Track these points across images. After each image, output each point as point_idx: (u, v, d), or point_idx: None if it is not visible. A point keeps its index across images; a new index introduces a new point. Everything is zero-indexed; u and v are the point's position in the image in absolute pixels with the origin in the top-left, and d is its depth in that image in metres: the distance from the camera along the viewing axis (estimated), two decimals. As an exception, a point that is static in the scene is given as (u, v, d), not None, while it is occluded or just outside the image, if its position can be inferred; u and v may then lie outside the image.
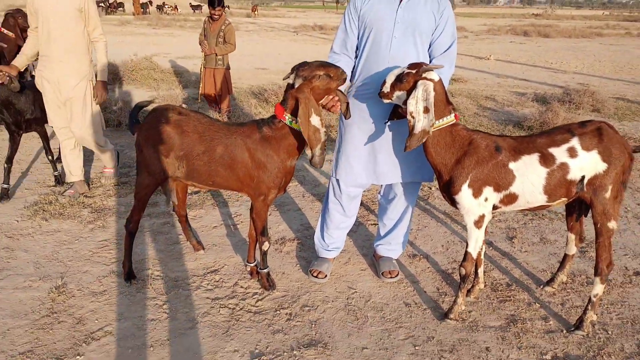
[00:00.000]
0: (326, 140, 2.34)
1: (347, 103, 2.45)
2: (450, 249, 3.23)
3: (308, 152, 2.31)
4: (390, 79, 2.25)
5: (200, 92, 6.36)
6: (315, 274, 2.81)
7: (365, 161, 2.63)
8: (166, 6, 38.08)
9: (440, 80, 2.21)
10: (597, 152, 2.18)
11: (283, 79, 2.38)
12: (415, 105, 2.14)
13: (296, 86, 2.26)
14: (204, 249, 3.13)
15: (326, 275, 2.82)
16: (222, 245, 3.22)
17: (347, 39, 2.55)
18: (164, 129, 2.48)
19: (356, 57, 2.60)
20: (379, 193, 2.92)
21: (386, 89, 2.27)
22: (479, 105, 7.53)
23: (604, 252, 2.30)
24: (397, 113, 2.41)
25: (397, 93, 2.25)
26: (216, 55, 6.01)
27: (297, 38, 20.53)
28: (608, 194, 2.23)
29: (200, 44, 6.08)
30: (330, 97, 2.35)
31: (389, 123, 2.51)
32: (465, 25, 31.54)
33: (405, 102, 2.23)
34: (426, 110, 2.14)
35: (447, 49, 2.48)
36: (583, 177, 2.21)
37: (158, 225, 3.46)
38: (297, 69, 2.29)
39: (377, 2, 2.44)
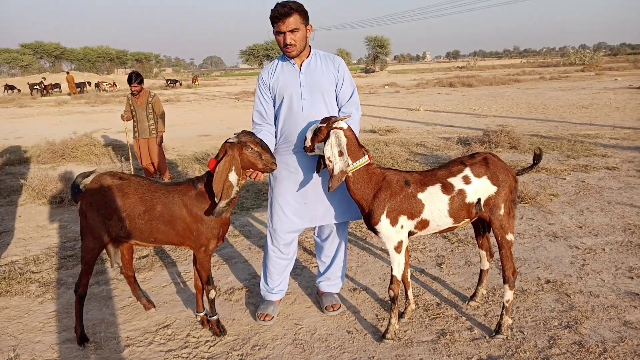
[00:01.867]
0: (235, 200, 2.60)
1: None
2: (387, 280, 3.52)
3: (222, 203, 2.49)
4: (309, 135, 2.64)
5: (140, 164, 6.50)
6: (262, 318, 3.00)
7: (297, 209, 2.91)
8: (104, 83, 38.31)
9: (350, 127, 2.60)
10: (487, 177, 2.60)
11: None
12: (330, 151, 2.51)
13: (229, 142, 2.57)
14: (154, 307, 3.24)
15: (273, 317, 3.01)
16: (172, 302, 3.35)
17: (264, 110, 2.90)
18: (107, 193, 2.69)
19: (275, 121, 2.94)
20: (314, 234, 3.21)
21: (308, 143, 2.66)
22: (411, 152, 8.15)
23: (508, 262, 2.67)
24: (323, 163, 2.75)
25: (317, 145, 2.62)
26: (149, 125, 6.24)
27: (238, 104, 21.23)
28: (502, 211, 2.63)
29: (121, 117, 6.31)
30: (255, 173, 2.64)
31: (319, 173, 2.85)
32: (397, 81, 33.79)
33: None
34: (340, 153, 2.51)
35: (350, 97, 2.90)
36: (479, 199, 2.61)
37: (107, 290, 3.54)
38: (241, 132, 2.61)
39: (281, 73, 2.84)
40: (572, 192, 5.42)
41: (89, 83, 38.13)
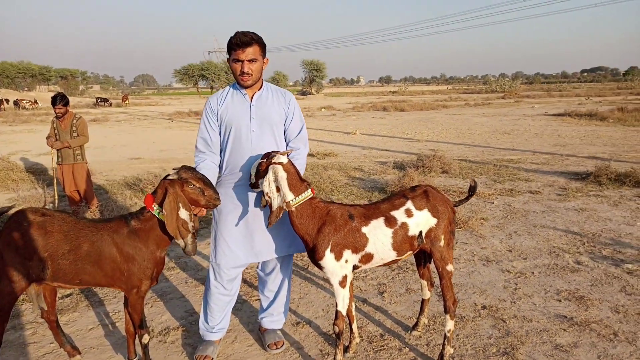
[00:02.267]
0: (197, 229, 2.51)
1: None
2: (330, 312, 3.47)
3: (180, 242, 2.44)
4: (253, 171, 2.59)
5: (64, 191, 6.04)
6: None
7: (243, 243, 2.81)
8: (24, 101, 35.80)
9: (290, 161, 2.56)
10: (427, 210, 2.65)
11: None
12: (268, 187, 2.46)
13: (169, 179, 2.43)
14: (80, 353, 2.96)
15: (212, 359, 2.85)
16: (100, 346, 3.08)
17: (209, 138, 2.79)
18: (26, 231, 2.44)
19: (221, 151, 2.85)
20: (257, 268, 3.11)
21: (252, 180, 2.60)
22: (349, 176, 8.26)
23: (448, 292, 2.72)
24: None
25: (261, 180, 2.55)
26: (74, 149, 5.84)
27: (172, 125, 20.61)
28: (442, 243, 2.69)
29: (47, 140, 5.77)
30: (198, 209, 2.54)
31: (264, 207, 2.77)
32: (333, 104, 34.49)
33: None
34: (278, 189, 2.47)
35: (299, 133, 2.88)
36: (421, 232, 2.65)
37: (26, 336, 3.20)
38: (181, 168, 2.48)
39: (231, 102, 2.78)
40: (500, 216, 5.71)
41: (7, 100, 35.43)
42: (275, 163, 2.49)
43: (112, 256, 2.48)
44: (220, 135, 2.82)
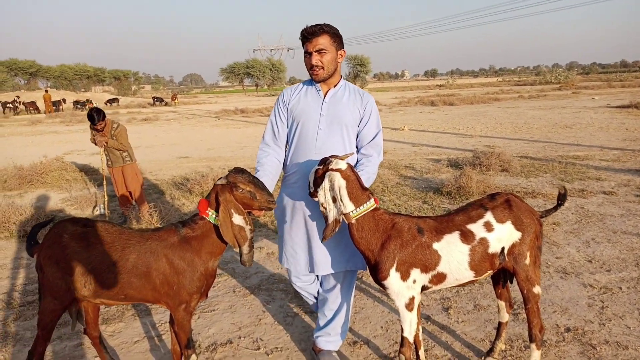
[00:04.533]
0: (252, 237, 2.28)
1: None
2: (390, 329, 3.15)
3: (238, 250, 2.25)
4: (311, 178, 2.32)
5: (116, 192, 6.00)
6: None
7: (303, 249, 2.64)
8: (83, 101, 37.29)
9: (350, 166, 2.26)
10: (511, 222, 2.27)
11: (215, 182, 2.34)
12: (324, 197, 2.18)
13: (219, 184, 2.23)
14: (124, 370, 2.79)
15: None
16: (145, 362, 2.91)
17: (277, 130, 2.65)
18: (67, 244, 2.27)
19: (286, 146, 2.68)
20: (319, 284, 2.86)
21: (311, 188, 2.34)
22: (400, 175, 7.86)
23: (535, 318, 2.33)
24: None
25: (318, 189, 2.27)
26: (121, 152, 5.76)
27: (219, 123, 20.79)
28: (528, 260, 2.30)
29: (94, 142, 5.65)
30: (252, 212, 2.33)
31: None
32: (378, 99, 33.87)
33: None
34: (334, 199, 2.17)
35: (373, 139, 2.61)
36: (503, 248, 2.27)
37: (70, 348, 3.08)
38: (230, 172, 2.26)
39: (304, 96, 2.59)
40: (573, 220, 5.16)
41: (64, 100, 37.11)
42: (332, 170, 2.20)
43: (161, 268, 2.27)
44: (288, 128, 2.65)
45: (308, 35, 2.42)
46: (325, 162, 2.25)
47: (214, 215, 2.26)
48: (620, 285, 3.57)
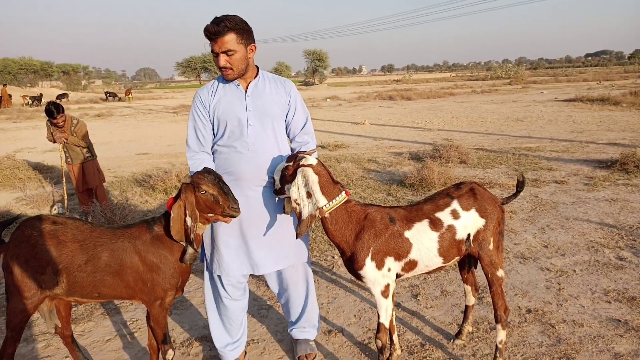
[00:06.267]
0: (201, 240, 2.29)
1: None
2: (363, 317, 3.24)
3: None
4: (277, 176, 2.33)
5: (75, 190, 5.81)
6: None
7: (237, 253, 2.49)
8: (37, 96, 35.37)
9: (320, 162, 2.30)
10: (475, 210, 2.40)
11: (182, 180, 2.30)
12: (297, 193, 2.21)
13: (184, 183, 2.21)
14: (98, 369, 2.75)
15: None
16: (119, 360, 2.87)
17: (201, 135, 2.48)
18: (37, 241, 2.22)
19: (212, 148, 2.54)
20: (270, 283, 2.77)
21: (277, 186, 2.35)
22: (364, 168, 8.00)
23: (499, 300, 2.48)
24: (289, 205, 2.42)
25: (287, 186, 2.30)
26: (81, 148, 5.58)
27: (177, 119, 20.35)
28: (491, 246, 2.44)
29: (52, 138, 5.44)
30: (215, 217, 2.26)
31: (290, 214, 2.51)
32: (337, 94, 34.11)
33: None
34: (309, 195, 2.22)
35: (304, 125, 2.57)
36: (469, 234, 2.40)
37: (39, 349, 2.99)
38: (197, 173, 2.24)
39: (223, 94, 2.44)
40: (529, 209, 5.45)
41: (10, 96, 35.16)
42: (304, 165, 2.24)
43: (135, 265, 2.26)
44: (213, 131, 2.49)
45: (212, 35, 2.24)
46: (295, 158, 2.28)
47: None
48: (574, 268, 3.82)
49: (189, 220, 2.19)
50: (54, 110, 5.23)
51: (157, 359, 2.51)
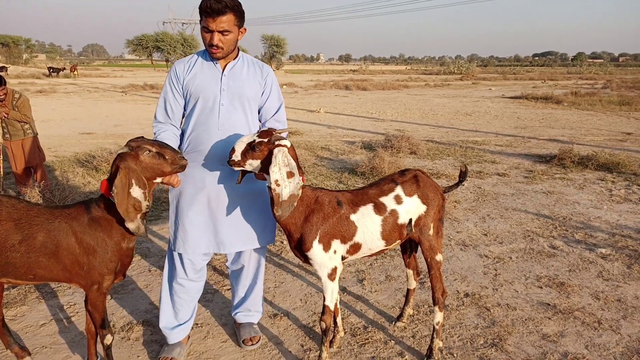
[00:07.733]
0: (148, 211, 2.20)
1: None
2: (309, 301, 3.28)
3: (130, 225, 2.10)
4: (240, 147, 2.23)
5: (13, 169, 5.48)
6: None
7: (204, 231, 2.49)
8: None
9: (292, 146, 2.29)
10: (417, 196, 2.47)
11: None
12: (279, 173, 2.16)
13: (121, 152, 2.11)
14: (30, 354, 2.63)
15: None
16: (54, 345, 2.76)
17: (170, 108, 2.47)
18: (-34, 220, 2.08)
19: (181, 124, 2.53)
20: (228, 263, 2.81)
21: (237, 157, 2.23)
22: (317, 156, 8.03)
23: (437, 283, 2.57)
24: (242, 175, 2.40)
25: (250, 161, 2.24)
26: (22, 124, 5.28)
27: (126, 98, 19.57)
28: (431, 231, 2.52)
29: None
30: (167, 178, 2.23)
31: (239, 182, 2.47)
32: (294, 81, 33.91)
33: (260, 170, 2.26)
34: (290, 174, 2.19)
35: (277, 112, 2.58)
36: (410, 219, 2.47)
37: (-36, 335, 2.82)
38: (132, 140, 2.16)
39: (200, 71, 2.43)
40: (472, 199, 5.67)
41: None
42: (281, 145, 2.20)
43: (71, 247, 2.16)
44: (184, 106, 2.49)
45: (212, 12, 2.21)
46: (268, 135, 2.22)
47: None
48: (511, 255, 4.03)
49: (137, 191, 2.09)
50: None
51: (95, 343, 2.44)
